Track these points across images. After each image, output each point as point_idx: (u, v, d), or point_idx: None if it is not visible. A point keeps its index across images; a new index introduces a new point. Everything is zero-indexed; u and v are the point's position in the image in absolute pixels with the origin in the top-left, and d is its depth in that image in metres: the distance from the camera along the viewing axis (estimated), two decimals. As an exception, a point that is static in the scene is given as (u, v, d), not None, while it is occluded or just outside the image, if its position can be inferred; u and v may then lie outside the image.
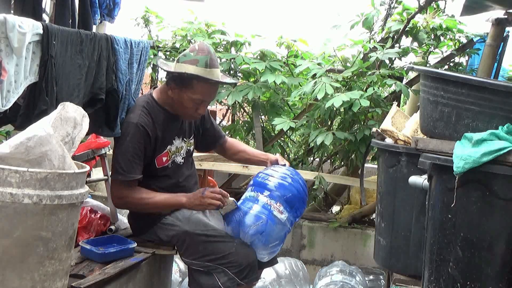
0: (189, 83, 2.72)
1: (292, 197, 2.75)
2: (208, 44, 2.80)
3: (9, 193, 1.85)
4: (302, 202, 2.82)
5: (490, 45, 4.12)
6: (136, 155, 2.72)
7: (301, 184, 2.82)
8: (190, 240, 2.78)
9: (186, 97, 2.75)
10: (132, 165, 2.71)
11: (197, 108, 2.79)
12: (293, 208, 2.77)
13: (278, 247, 2.79)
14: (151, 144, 2.77)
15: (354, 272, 3.72)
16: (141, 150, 2.73)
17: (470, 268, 2.22)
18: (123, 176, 2.71)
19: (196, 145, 3.14)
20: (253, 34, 5.11)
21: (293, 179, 2.81)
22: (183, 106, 2.78)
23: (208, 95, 2.79)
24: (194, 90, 2.72)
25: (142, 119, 2.75)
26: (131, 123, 2.74)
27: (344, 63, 4.74)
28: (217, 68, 2.76)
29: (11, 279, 1.89)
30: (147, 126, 2.75)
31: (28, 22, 2.23)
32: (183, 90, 2.74)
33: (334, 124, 4.85)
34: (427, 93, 2.46)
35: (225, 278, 2.72)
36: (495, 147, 2.11)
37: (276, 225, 2.70)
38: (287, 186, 2.76)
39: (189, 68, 2.69)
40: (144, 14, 5.49)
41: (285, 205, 2.73)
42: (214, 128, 3.17)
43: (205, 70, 2.69)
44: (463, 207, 2.21)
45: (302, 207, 2.85)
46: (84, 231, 2.85)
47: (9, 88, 2.18)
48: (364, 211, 4.57)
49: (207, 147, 3.26)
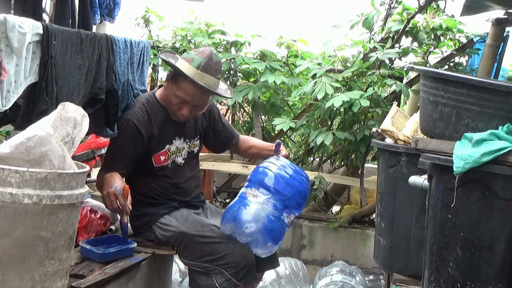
0: (176, 79, 2.74)
1: (268, 180, 2.70)
2: (214, 51, 2.77)
3: (9, 193, 1.85)
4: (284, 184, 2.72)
5: (490, 45, 4.12)
6: (122, 151, 2.74)
7: (286, 171, 2.75)
8: (187, 241, 2.78)
9: (172, 92, 2.76)
10: (116, 159, 2.75)
11: (181, 108, 2.78)
12: (277, 193, 2.69)
13: (268, 239, 2.67)
14: (143, 142, 2.77)
15: (354, 272, 3.72)
16: (128, 147, 2.74)
17: (470, 268, 2.22)
18: (105, 171, 2.74)
19: (208, 146, 3.14)
20: (253, 34, 5.11)
21: (279, 167, 2.75)
22: (169, 102, 2.80)
23: (192, 97, 2.74)
24: (178, 86, 2.73)
25: (136, 116, 2.76)
26: (124, 119, 2.77)
27: (344, 63, 4.74)
28: (211, 75, 2.71)
29: (11, 279, 1.89)
30: (139, 123, 2.75)
31: (28, 22, 2.23)
32: (173, 84, 2.76)
33: (334, 124, 4.85)
34: (427, 93, 2.46)
35: (222, 279, 2.71)
36: (495, 147, 2.11)
37: (248, 207, 2.65)
38: (265, 173, 2.73)
39: (183, 64, 2.70)
40: (144, 14, 5.49)
41: (259, 187, 2.69)
42: (226, 129, 3.14)
43: (195, 71, 2.68)
44: (463, 207, 2.21)
45: (286, 190, 2.72)
46: (84, 231, 2.84)
47: (9, 88, 2.18)
48: (364, 211, 4.57)
49: (220, 148, 3.25)
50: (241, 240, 2.69)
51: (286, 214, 2.72)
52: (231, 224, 2.68)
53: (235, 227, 2.67)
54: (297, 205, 2.76)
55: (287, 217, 2.73)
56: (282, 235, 2.73)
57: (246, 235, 2.66)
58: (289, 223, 2.75)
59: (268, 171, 2.74)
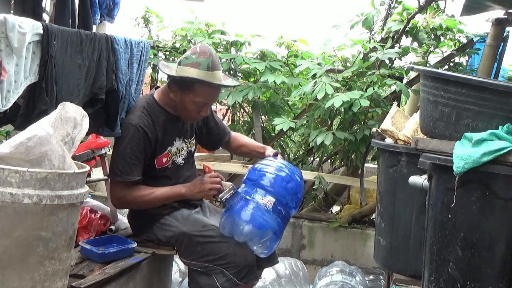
0: (191, 87, 2.71)
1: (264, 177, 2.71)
2: (209, 46, 2.79)
3: (9, 193, 1.85)
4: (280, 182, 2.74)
5: (490, 45, 4.12)
6: (135, 157, 2.71)
7: (282, 171, 2.76)
8: (188, 241, 2.78)
9: (188, 100, 2.74)
10: (130, 166, 2.70)
11: (200, 111, 2.79)
12: (274, 193, 2.69)
13: (264, 238, 2.67)
14: (151, 146, 2.76)
15: (354, 272, 3.72)
16: (140, 152, 2.72)
17: (470, 268, 2.22)
18: (120, 178, 2.71)
19: (202, 144, 3.14)
20: (253, 34, 5.10)
21: (275, 168, 2.76)
22: (186, 109, 2.78)
23: (211, 97, 2.79)
24: (196, 93, 2.72)
25: (141, 121, 2.74)
26: (130, 125, 2.73)
27: (344, 63, 4.74)
28: (219, 70, 2.75)
29: (11, 279, 1.89)
30: (146, 127, 2.74)
31: (28, 22, 2.23)
32: (185, 93, 2.73)
33: (334, 124, 4.85)
34: (427, 93, 2.46)
35: (223, 279, 2.71)
36: (495, 147, 2.11)
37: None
38: (262, 173, 2.73)
39: (191, 71, 2.68)
40: (144, 14, 5.49)
41: (256, 187, 2.69)
42: (218, 126, 3.16)
43: (207, 73, 2.68)
44: (463, 207, 2.21)
45: (283, 190, 2.73)
46: (84, 231, 2.84)
47: (9, 88, 2.18)
48: (364, 211, 4.57)
49: (214, 146, 3.27)
50: (239, 239, 2.69)
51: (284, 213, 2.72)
52: (228, 225, 2.69)
53: (232, 227, 2.67)
54: (294, 204, 2.78)
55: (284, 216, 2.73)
56: (280, 234, 2.73)
57: (243, 234, 2.65)
58: (286, 222, 2.76)
59: (265, 171, 2.75)
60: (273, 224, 2.67)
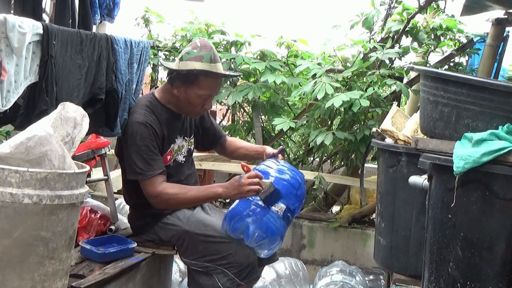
0: (196, 80, 2.74)
1: None
2: (208, 40, 2.83)
3: (9, 193, 1.85)
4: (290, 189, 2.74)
5: (490, 45, 4.12)
6: (151, 152, 2.71)
7: (285, 173, 2.77)
8: (190, 240, 2.78)
9: (193, 94, 2.76)
10: (149, 162, 2.69)
11: (204, 104, 2.82)
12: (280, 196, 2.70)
13: (274, 240, 2.70)
14: (159, 142, 2.77)
15: (354, 272, 3.72)
16: (154, 146, 2.72)
17: (470, 268, 2.22)
18: (143, 176, 2.70)
19: (197, 144, 3.14)
20: (253, 34, 5.11)
21: (278, 170, 2.77)
22: (190, 103, 2.80)
23: (215, 89, 2.83)
24: (200, 86, 2.75)
25: (147, 118, 2.75)
26: (137, 123, 2.73)
27: (344, 63, 4.75)
28: (220, 62, 2.80)
29: (11, 279, 1.89)
30: (153, 124, 2.75)
31: (28, 22, 2.23)
32: (189, 87, 2.75)
33: (334, 124, 4.85)
34: (427, 93, 2.46)
35: (224, 278, 2.71)
36: (495, 147, 2.11)
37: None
38: (266, 175, 2.72)
39: (195, 64, 2.71)
40: (144, 14, 5.50)
41: None
42: (214, 128, 3.18)
43: (211, 65, 2.73)
44: (463, 207, 2.21)
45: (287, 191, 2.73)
46: (84, 231, 2.84)
47: (9, 88, 2.18)
48: (364, 211, 4.57)
49: (208, 147, 3.28)
50: (250, 244, 2.69)
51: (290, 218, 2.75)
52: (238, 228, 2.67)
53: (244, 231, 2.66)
54: (298, 210, 2.82)
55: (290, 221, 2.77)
56: (283, 234, 2.75)
57: (255, 241, 2.66)
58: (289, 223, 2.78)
59: (268, 174, 2.74)
60: (282, 230, 2.71)
